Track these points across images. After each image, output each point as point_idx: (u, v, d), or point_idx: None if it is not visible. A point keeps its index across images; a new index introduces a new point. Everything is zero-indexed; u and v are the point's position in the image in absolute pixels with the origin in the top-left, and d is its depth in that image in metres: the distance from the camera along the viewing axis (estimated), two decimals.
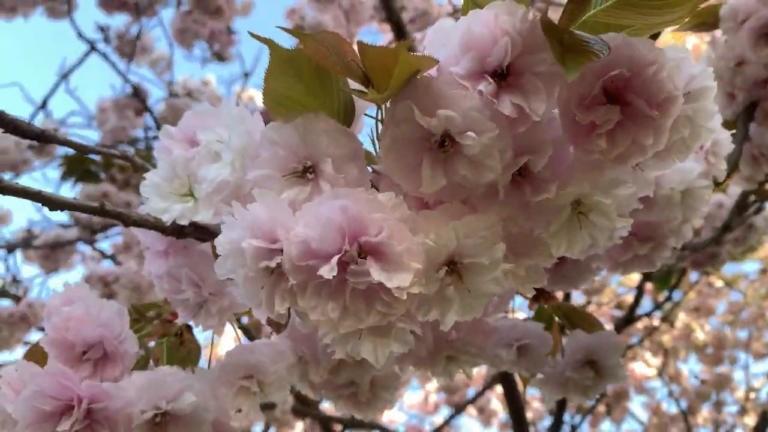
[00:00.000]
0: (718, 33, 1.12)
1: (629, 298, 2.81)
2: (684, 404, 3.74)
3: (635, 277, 2.94)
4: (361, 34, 2.84)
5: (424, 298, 0.40)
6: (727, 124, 1.17)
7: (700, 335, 3.66)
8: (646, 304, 2.99)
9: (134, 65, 2.93)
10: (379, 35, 2.97)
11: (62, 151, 2.72)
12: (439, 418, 4.27)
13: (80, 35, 2.52)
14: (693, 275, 2.97)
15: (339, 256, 0.37)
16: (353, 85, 0.43)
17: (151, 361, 0.58)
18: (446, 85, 0.39)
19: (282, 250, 0.38)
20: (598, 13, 0.43)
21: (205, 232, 0.50)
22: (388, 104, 0.42)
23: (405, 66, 0.38)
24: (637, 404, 4.33)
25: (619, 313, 3.17)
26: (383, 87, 0.41)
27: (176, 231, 0.49)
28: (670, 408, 3.89)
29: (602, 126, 0.40)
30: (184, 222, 0.48)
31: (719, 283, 3.40)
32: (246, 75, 3.12)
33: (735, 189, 1.59)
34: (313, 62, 0.42)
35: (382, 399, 0.61)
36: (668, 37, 1.78)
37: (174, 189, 0.50)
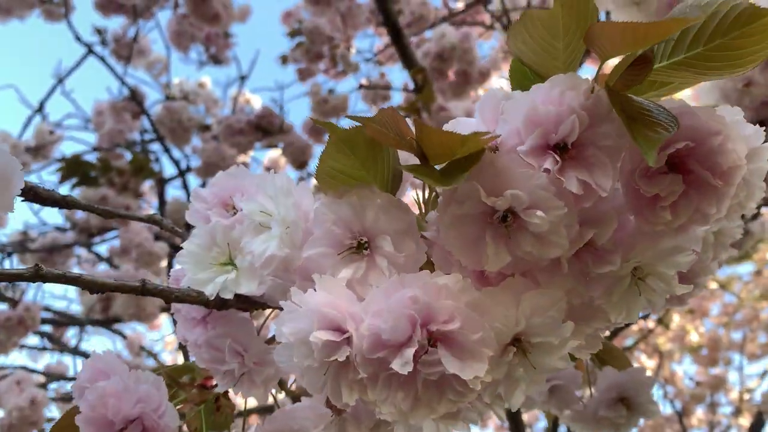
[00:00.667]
0: None
1: None
2: (679, 405, 3.77)
3: None
4: (357, 37, 2.83)
5: (495, 381, 0.39)
6: None
7: (694, 337, 3.69)
8: None
9: (131, 68, 2.90)
10: (376, 39, 2.96)
11: (59, 153, 2.69)
12: None
13: (77, 38, 2.48)
14: None
15: (413, 348, 0.36)
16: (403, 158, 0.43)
17: (185, 428, 0.56)
18: (511, 163, 0.38)
19: (348, 340, 0.37)
20: (662, 75, 0.42)
21: (247, 302, 0.49)
22: None
23: (470, 148, 0.37)
24: None
25: None
26: (439, 161, 0.40)
27: (219, 304, 0.48)
28: (666, 409, 3.92)
29: (666, 198, 0.39)
30: (228, 295, 0.47)
31: (714, 285, 3.43)
32: (242, 78, 3.09)
33: None
34: (369, 138, 0.41)
35: None
36: None
37: (213, 258, 0.48)
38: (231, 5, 2.45)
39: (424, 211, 0.48)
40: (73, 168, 2.19)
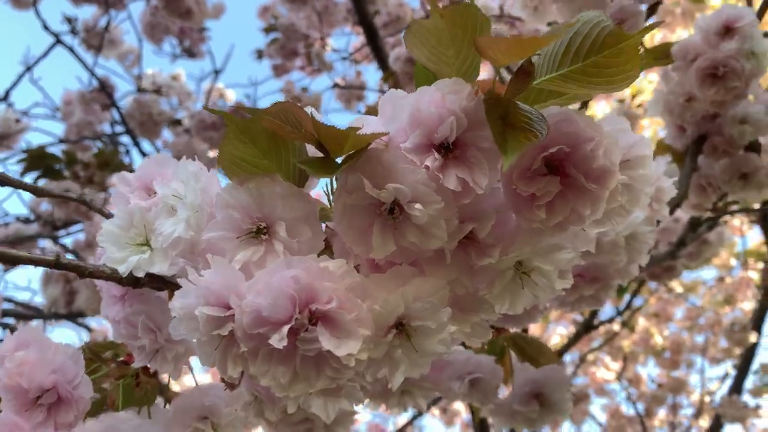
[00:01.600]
0: (670, 68, 1.16)
1: None
2: (641, 407, 3.84)
3: None
4: (335, 35, 2.85)
5: (375, 360, 0.42)
6: (676, 155, 1.23)
7: (658, 340, 3.77)
8: (608, 309, 3.07)
9: (103, 58, 2.89)
10: (353, 36, 2.98)
11: (26, 143, 2.67)
12: (402, 418, 4.30)
13: (45, 27, 2.47)
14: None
15: (289, 324, 0.38)
16: (311, 150, 0.45)
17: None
18: (395, 159, 0.41)
19: (233, 317, 0.39)
20: (543, 82, 0.45)
21: (161, 282, 0.51)
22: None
23: (355, 143, 0.40)
24: (596, 406, 4.44)
25: (580, 318, 3.23)
26: (337, 155, 0.43)
27: (132, 281, 0.50)
28: (629, 410, 4.00)
29: (542, 197, 0.42)
30: (140, 274, 0.49)
31: (679, 289, 3.50)
32: (216, 72, 3.10)
33: None
34: (268, 129, 0.44)
35: None
36: None
37: (130, 239, 0.51)
38: (204, 2, 2.47)
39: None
40: (37, 160, 2.18)
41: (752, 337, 2.69)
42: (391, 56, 2.14)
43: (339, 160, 0.44)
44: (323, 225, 0.48)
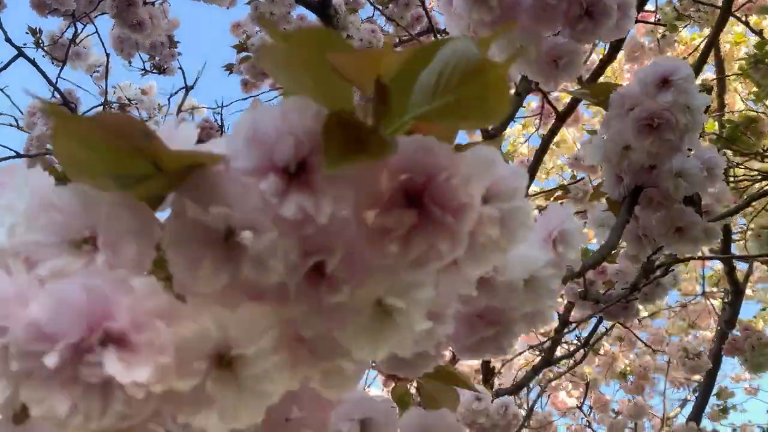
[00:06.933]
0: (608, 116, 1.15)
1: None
2: (603, 430, 3.81)
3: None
4: None
5: (183, 398, 0.37)
6: (613, 206, 1.21)
7: (622, 365, 3.77)
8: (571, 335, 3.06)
9: (71, 70, 2.85)
10: None
11: None
12: None
13: (7, 39, 2.43)
14: None
15: (71, 342, 0.34)
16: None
17: None
18: (228, 181, 0.37)
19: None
20: (411, 120, 0.42)
21: None
22: None
23: (179, 159, 0.36)
24: (561, 426, 4.39)
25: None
26: (170, 170, 0.39)
27: None
28: None
29: (395, 231, 0.39)
30: None
31: (643, 313, 3.52)
32: (187, 89, 3.06)
33: None
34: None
35: None
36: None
37: None
38: (158, 16, 2.45)
39: None
40: None
41: (707, 365, 2.69)
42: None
43: None
44: None
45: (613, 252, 1.22)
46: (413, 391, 0.89)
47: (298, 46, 0.38)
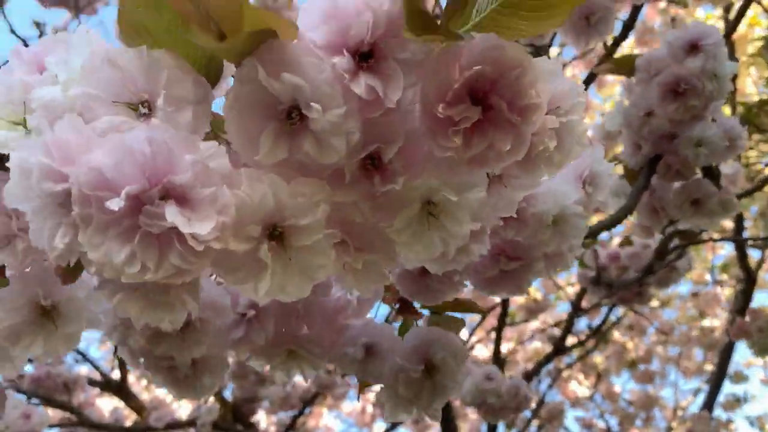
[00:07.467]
0: (633, 81, 1.15)
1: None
2: (615, 420, 3.86)
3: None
4: None
5: (236, 262, 0.37)
6: (630, 174, 1.21)
7: (633, 354, 3.82)
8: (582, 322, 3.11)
9: None
10: None
11: None
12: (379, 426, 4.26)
13: (12, 30, 2.36)
14: None
15: (133, 191, 0.33)
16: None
17: None
18: (300, 51, 0.37)
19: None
20: (482, 20, 0.42)
21: None
22: None
23: (251, 21, 0.35)
24: (570, 418, 4.45)
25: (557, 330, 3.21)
26: (234, 35, 0.38)
27: None
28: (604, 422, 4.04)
29: (460, 123, 0.38)
30: (5, 151, 0.43)
31: (654, 302, 3.54)
32: None
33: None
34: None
35: (203, 381, 0.57)
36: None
37: (5, 114, 0.45)
38: None
39: None
40: None
41: (724, 339, 2.73)
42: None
43: None
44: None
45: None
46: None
47: None
